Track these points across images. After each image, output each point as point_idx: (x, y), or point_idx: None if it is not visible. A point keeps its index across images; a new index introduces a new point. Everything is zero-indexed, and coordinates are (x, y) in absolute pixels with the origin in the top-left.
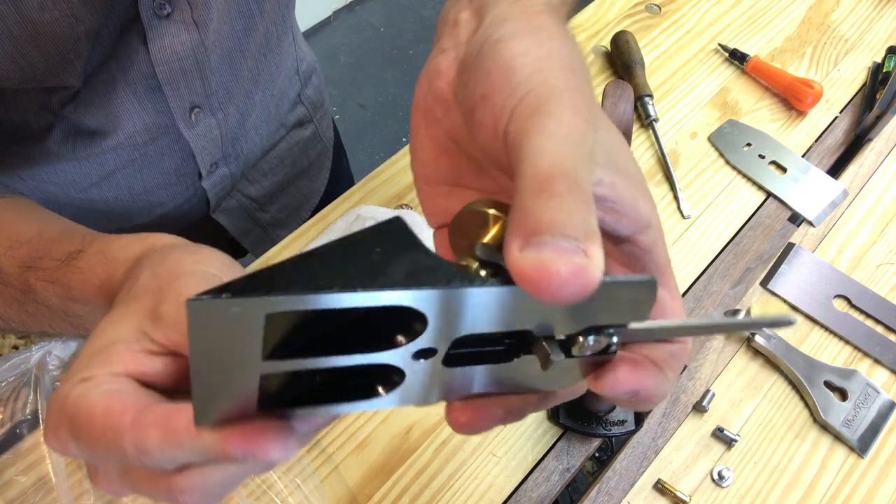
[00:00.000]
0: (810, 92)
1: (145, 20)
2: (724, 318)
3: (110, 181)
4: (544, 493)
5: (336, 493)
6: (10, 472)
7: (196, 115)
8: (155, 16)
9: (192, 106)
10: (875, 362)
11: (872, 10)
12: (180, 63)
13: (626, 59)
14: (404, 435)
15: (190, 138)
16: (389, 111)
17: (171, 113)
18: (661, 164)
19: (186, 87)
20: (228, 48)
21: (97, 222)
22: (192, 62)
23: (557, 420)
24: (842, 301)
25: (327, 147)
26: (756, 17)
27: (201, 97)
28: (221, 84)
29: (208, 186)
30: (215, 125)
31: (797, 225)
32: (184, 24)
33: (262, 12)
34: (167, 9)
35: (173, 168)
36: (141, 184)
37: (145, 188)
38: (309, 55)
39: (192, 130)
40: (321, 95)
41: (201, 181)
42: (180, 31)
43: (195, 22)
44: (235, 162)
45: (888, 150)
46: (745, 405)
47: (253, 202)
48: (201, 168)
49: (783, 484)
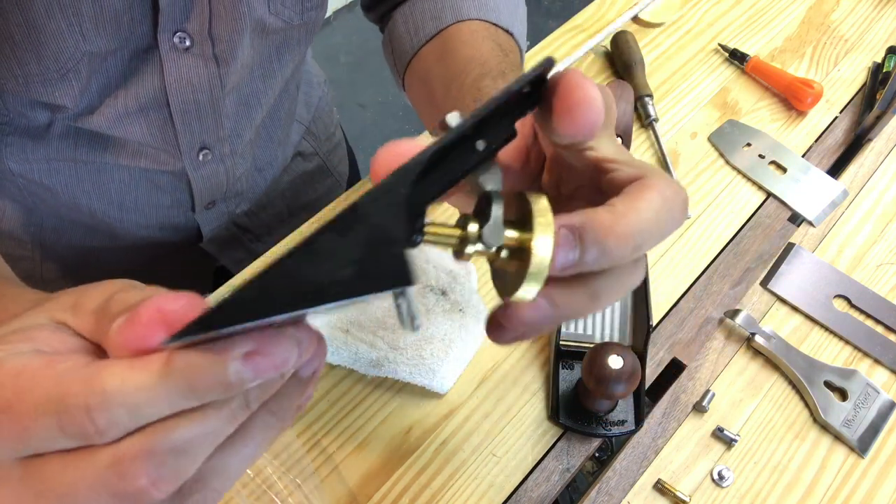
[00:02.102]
0: (810, 92)
1: (163, 51)
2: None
3: (102, 191)
4: (544, 493)
5: (336, 493)
6: None
7: (205, 156)
8: (173, 48)
9: (202, 146)
10: (875, 362)
11: (872, 10)
12: (195, 94)
13: (626, 59)
14: (404, 435)
15: (193, 178)
16: (389, 111)
17: (179, 149)
18: (661, 164)
19: (199, 122)
20: (246, 94)
21: (80, 237)
22: (207, 96)
23: (557, 420)
24: (842, 301)
25: (339, 182)
26: (756, 17)
27: (213, 138)
28: (235, 129)
29: (202, 220)
30: (223, 171)
31: (797, 225)
32: (202, 58)
33: (281, 62)
34: (187, 42)
35: (169, 194)
36: (133, 200)
37: (136, 205)
38: (318, 87)
39: (197, 171)
40: (330, 129)
41: (194, 214)
42: (198, 63)
43: (216, 57)
44: (235, 199)
45: (888, 150)
46: (745, 405)
47: (248, 233)
48: (197, 204)
49: (783, 484)
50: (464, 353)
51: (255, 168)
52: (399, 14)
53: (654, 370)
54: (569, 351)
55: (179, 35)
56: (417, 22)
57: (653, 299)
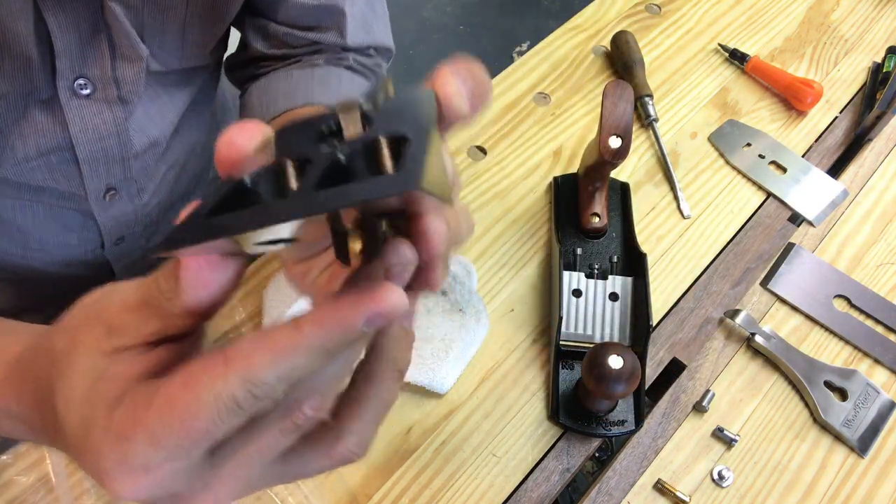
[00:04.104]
0: (810, 92)
1: (63, 100)
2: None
3: (3, 229)
4: (544, 493)
5: (336, 493)
6: (10, 472)
7: (111, 196)
8: (73, 95)
9: (108, 188)
10: (875, 362)
11: (872, 10)
12: (101, 141)
13: (626, 59)
14: (404, 435)
15: (100, 219)
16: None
17: (85, 190)
18: (661, 164)
19: (106, 167)
20: (154, 134)
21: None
22: (114, 140)
23: (557, 420)
24: (842, 301)
25: None
26: (756, 17)
27: (119, 179)
28: (143, 169)
29: (112, 256)
30: (131, 210)
31: (797, 225)
32: (106, 103)
33: (186, 100)
34: (87, 88)
35: (75, 233)
36: (37, 240)
37: (41, 244)
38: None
39: (105, 212)
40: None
41: (104, 251)
42: (102, 109)
43: (121, 100)
44: (147, 232)
45: (888, 150)
46: (745, 405)
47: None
48: (106, 242)
49: (783, 484)
50: (464, 353)
51: (171, 201)
52: (255, 87)
53: (654, 370)
54: (569, 351)
55: (80, 82)
56: (271, 98)
57: (653, 299)
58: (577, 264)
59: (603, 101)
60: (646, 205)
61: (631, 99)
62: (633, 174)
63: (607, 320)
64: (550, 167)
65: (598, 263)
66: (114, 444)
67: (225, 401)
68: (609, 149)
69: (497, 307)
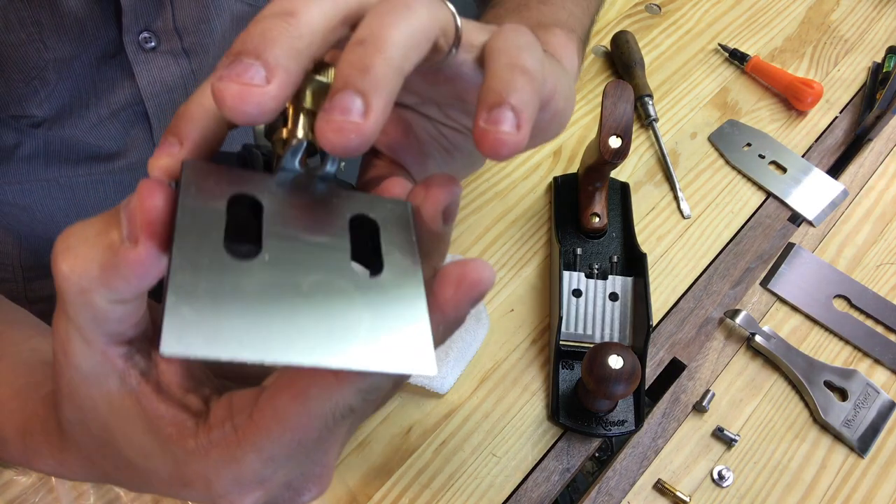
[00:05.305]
0: (810, 92)
1: (130, 55)
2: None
3: (79, 208)
4: (544, 493)
5: (336, 493)
6: (11, 472)
7: None
8: (140, 49)
9: None
10: (875, 362)
11: (872, 10)
12: (170, 94)
13: (626, 59)
14: (404, 435)
15: None
16: None
17: (154, 146)
18: (661, 164)
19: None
20: None
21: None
22: (182, 94)
23: (557, 420)
24: (842, 301)
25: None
26: (756, 17)
27: None
28: None
29: None
30: None
31: (797, 225)
32: (172, 56)
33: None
34: (152, 42)
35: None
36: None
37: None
38: None
39: None
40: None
41: None
42: (168, 62)
43: (185, 51)
44: None
45: (888, 150)
46: (745, 405)
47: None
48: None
49: (783, 484)
50: (464, 353)
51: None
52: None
53: (654, 370)
54: (569, 351)
55: (144, 35)
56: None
57: (653, 299)
58: (577, 264)
59: (603, 101)
60: (646, 205)
61: (631, 99)
62: (633, 174)
63: (607, 320)
64: (550, 167)
65: (598, 263)
66: (221, 470)
67: (341, 410)
68: (609, 149)
69: (497, 307)
